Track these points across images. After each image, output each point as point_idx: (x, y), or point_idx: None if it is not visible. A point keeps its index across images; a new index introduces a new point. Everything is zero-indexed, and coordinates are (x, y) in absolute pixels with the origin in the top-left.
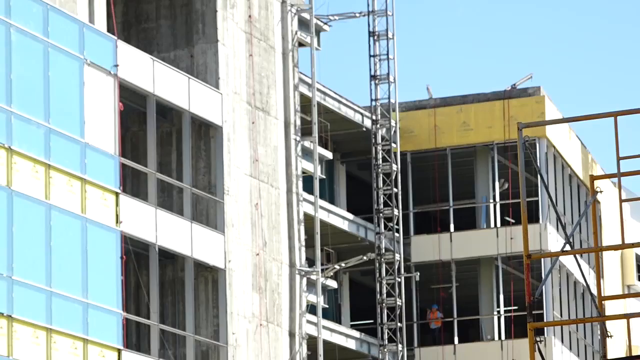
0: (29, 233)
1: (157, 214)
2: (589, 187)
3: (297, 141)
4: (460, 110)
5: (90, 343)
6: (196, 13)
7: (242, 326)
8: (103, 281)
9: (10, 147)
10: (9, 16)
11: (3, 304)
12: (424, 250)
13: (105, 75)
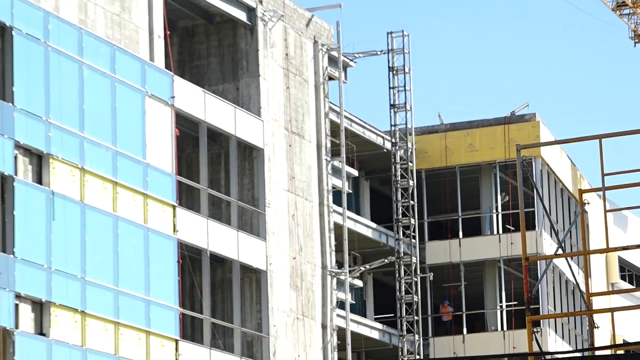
0: (99, 240)
1: (209, 223)
2: (578, 199)
3: (327, 161)
4: (467, 134)
5: (151, 335)
6: (241, 52)
7: (281, 320)
8: (162, 281)
9: (83, 167)
10: (82, 55)
11: (77, 302)
12: (437, 254)
13: (163, 106)
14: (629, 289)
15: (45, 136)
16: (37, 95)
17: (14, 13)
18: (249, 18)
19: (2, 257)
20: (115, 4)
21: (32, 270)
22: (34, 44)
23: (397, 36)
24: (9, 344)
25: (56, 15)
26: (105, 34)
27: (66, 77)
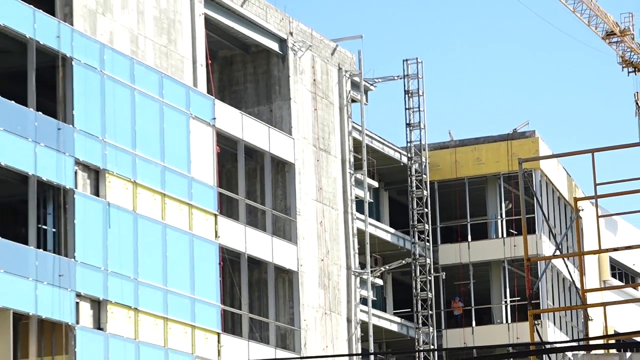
0: (149, 246)
1: (246, 230)
2: (573, 206)
3: (351, 174)
4: (474, 149)
5: (196, 329)
6: (274, 78)
7: (310, 315)
8: (205, 281)
9: (135, 181)
10: (133, 82)
11: (131, 300)
12: (448, 255)
13: (205, 126)
14: (619, 286)
15: (102, 154)
16: (94, 118)
17: (73, 45)
18: (281, 48)
19: (64, 261)
20: (163, 37)
21: (90, 272)
22: (92, 73)
23: (412, 63)
24: (70, 338)
25: (111, 47)
26: (154, 63)
27: (120, 102)
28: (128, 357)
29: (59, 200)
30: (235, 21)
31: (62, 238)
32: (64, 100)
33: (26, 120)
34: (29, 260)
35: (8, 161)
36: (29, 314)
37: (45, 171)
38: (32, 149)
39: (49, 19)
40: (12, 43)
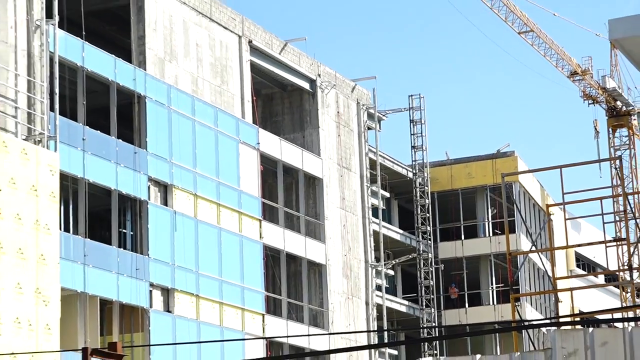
0: (208, 245)
1: (285, 232)
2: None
3: (367, 187)
4: (466, 166)
5: (245, 311)
6: (306, 111)
7: (336, 299)
8: (252, 273)
9: (196, 193)
10: (194, 115)
11: (193, 288)
12: (446, 251)
13: (251, 149)
14: (583, 274)
15: (169, 172)
16: (163, 144)
17: (146, 86)
18: (311, 87)
19: (140, 257)
20: (217, 78)
21: (161, 266)
22: (161, 108)
23: (415, 97)
24: (145, 319)
25: (176, 87)
26: (210, 100)
27: (183, 131)
28: (191, 334)
29: (136, 209)
30: (275, 66)
31: (138, 239)
32: (139, 130)
33: (109, 146)
34: (112, 257)
35: (96, 178)
36: (112, 300)
37: (124, 186)
38: (114, 168)
39: (126, 65)
40: (98, 85)
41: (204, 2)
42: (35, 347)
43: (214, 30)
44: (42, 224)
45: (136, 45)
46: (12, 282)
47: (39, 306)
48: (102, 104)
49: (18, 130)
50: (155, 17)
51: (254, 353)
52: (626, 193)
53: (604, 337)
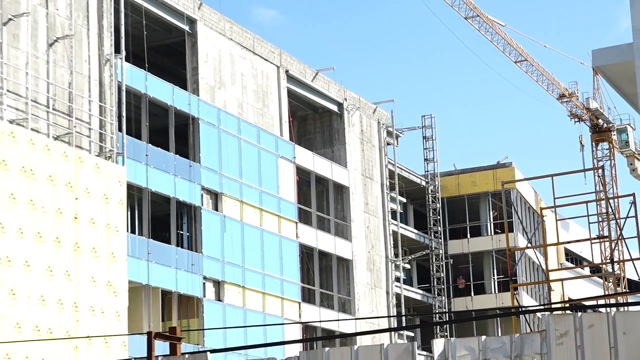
0: (252, 243)
1: (317, 232)
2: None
3: (387, 193)
4: (471, 175)
5: (284, 300)
6: (334, 130)
7: (361, 289)
8: (290, 267)
9: (242, 200)
10: (240, 134)
11: (240, 280)
12: (454, 248)
13: (288, 163)
14: (571, 267)
15: (219, 182)
16: (213, 158)
17: (199, 110)
18: (339, 109)
19: (195, 255)
20: (259, 102)
21: (212, 262)
22: (212, 128)
23: (427, 117)
24: (199, 307)
25: (224, 110)
26: (253, 121)
27: (230, 147)
28: (238, 319)
29: (191, 214)
30: (308, 91)
31: (193, 239)
32: (193, 146)
33: (168, 160)
34: (171, 254)
35: (157, 188)
36: (172, 291)
37: (181, 194)
38: (173, 179)
39: (182, 92)
40: (159, 109)
41: (247, 38)
42: (107, 331)
43: (256, 61)
44: (112, 227)
45: (190, 75)
46: (88, 276)
47: (110, 297)
48: (162, 125)
49: (92, 148)
50: (207, 51)
51: (292, 336)
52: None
53: (590, 320)
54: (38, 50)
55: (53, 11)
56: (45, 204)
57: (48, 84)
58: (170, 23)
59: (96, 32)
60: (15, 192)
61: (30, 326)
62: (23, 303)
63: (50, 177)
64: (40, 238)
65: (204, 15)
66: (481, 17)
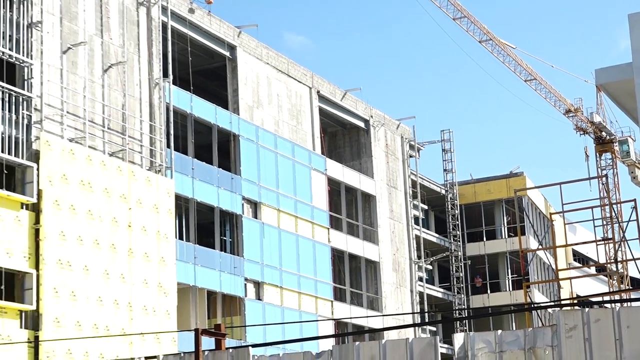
0: (288, 248)
1: (347, 237)
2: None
3: (410, 201)
4: (486, 183)
5: (318, 298)
6: (362, 144)
7: (387, 288)
8: (323, 269)
9: (279, 209)
10: (276, 148)
11: (278, 281)
12: (472, 250)
13: (320, 174)
14: (579, 266)
15: (258, 193)
16: (253, 171)
17: (239, 127)
18: (366, 125)
19: (236, 259)
20: (293, 120)
21: (253, 265)
22: (251, 144)
23: (446, 132)
24: (241, 305)
25: (262, 127)
26: (289, 137)
27: (268, 161)
28: (276, 316)
29: (233, 221)
30: (337, 110)
31: (235, 244)
32: (234, 160)
33: (212, 174)
34: (215, 258)
35: (203, 198)
36: (216, 291)
37: (224, 204)
38: (216, 191)
39: (224, 111)
40: (203, 127)
41: (282, 62)
42: (158, 328)
43: (290, 83)
44: (162, 234)
45: (231, 96)
46: (141, 278)
47: (160, 297)
48: (206, 141)
49: (143, 163)
50: (246, 74)
51: (325, 331)
52: (611, 203)
53: (597, 315)
54: (94, 76)
55: (107, 40)
56: (102, 214)
57: (103, 105)
58: (213, 49)
59: (146, 58)
60: (75, 203)
61: (89, 324)
62: (83, 303)
63: (106, 190)
64: (97, 245)
65: (243, 42)
66: (494, 41)
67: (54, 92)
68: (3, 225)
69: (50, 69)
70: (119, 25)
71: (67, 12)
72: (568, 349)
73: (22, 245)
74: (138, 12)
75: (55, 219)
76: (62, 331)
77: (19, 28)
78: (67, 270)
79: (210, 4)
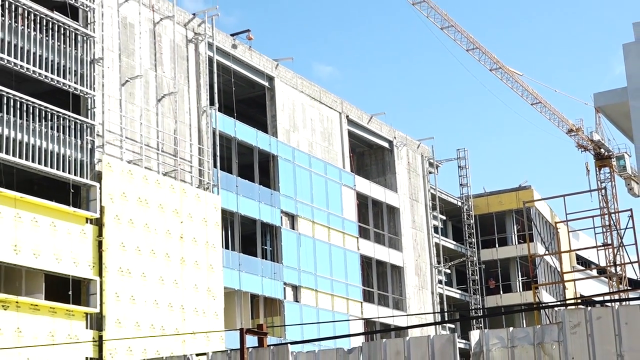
0: (322, 255)
1: (374, 245)
2: (554, 226)
3: (430, 212)
4: (498, 196)
5: (349, 300)
6: (387, 163)
7: (411, 290)
8: (353, 274)
9: (313, 220)
10: (310, 167)
11: (313, 285)
12: (486, 255)
13: (350, 189)
14: (582, 269)
15: (295, 207)
16: (290, 188)
17: (278, 149)
18: (390, 146)
19: (276, 265)
20: (325, 142)
21: (291, 271)
22: (288, 163)
23: (461, 150)
24: (281, 307)
25: (298, 149)
26: (321, 156)
27: (303, 178)
28: (312, 316)
29: (273, 232)
30: (364, 132)
31: (275, 253)
32: (273, 178)
33: (254, 190)
34: (257, 265)
35: (246, 212)
36: (259, 294)
37: (265, 217)
38: (258, 205)
39: (264, 135)
40: (245, 149)
41: (315, 90)
42: (207, 328)
43: (322, 109)
44: (210, 244)
45: (270, 121)
46: (192, 283)
47: (209, 300)
48: (248, 161)
49: (193, 181)
50: (283, 102)
51: (355, 329)
52: (610, 212)
53: (598, 313)
54: (149, 105)
55: (160, 74)
56: (157, 227)
57: (157, 131)
58: (253, 80)
59: (195, 89)
60: (133, 218)
61: (146, 325)
62: (141, 306)
63: (161, 205)
64: (153, 254)
65: (280, 73)
66: (503, 69)
67: (114, 119)
68: (70, 238)
69: (111, 99)
70: (170, 60)
71: (125, 49)
72: (573, 344)
73: (87, 256)
74: (187, 48)
75: (116, 232)
76: (123, 331)
77: (83, 64)
78: (127, 277)
79: (250, 40)
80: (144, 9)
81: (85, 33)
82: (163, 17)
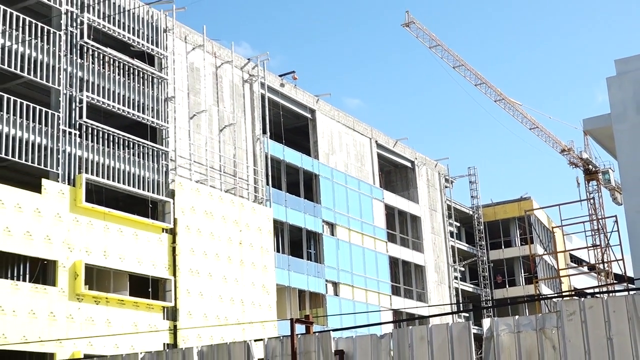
0: (357, 257)
1: (400, 248)
2: (551, 230)
3: (446, 220)
4: (503, 206)
5: (380, 294)
6: (409, 179)
7: (431, 285)
8: (383, 272)
9: (349, 228)
10: (346, 184)
11: (350, 281)
12: (494, 255)
13: (379, 202)
14: (575, 267)
15: (334, 217)
16: (329, 201)
17: (319, 169)
18: (412, 165)
19: (319, 265)
20: (359, 162)
21: (331, 270)
22: (328, 181)
23: (472, 168)
24: (323, 300)
25: (335, 169)
26: (355, 175)
27: (340, 193)
28: (349, 308)
29: (316, 238)
30: (391, 154)
31: (318, 255)
32: (316, 193)
33: (299, 203)
34: (304, 265)
35: (293, 222)
36: (305, 289)
37: (309, 225)
38: (303, 216)
39: (307, 157)
40: (292, 169)
41: (349, 120)
42: (263, 318)
43: (355, 136)
44: (264, 248)
45: (312, 146)
46: (249, 281)
47: (264, 295)
48: (294, 180)
49: (249, 197)
50: (323, 130)
51: (385, 318)
52: (598, 218)
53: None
54: (212, 134)
55: (222, 108)
56: (221, 235)
57: (220, 156)
58: (298, 112)
59: (250, 120)
60: (200, 227)
61: (212, 316)
62: (208, 301)
63: (223, 217)
64: (217, 257)
65: (320, 107)
66: (505, 100)
67: (184, 147)
68: (150, 244)
69: (181, 130)
70: (229, 97)
71: (192, 89)
72: (569, 329)
73: (163, 259)
74: (243, 87)
75: (186, 239)
76: (193, 321)
77: (158, 101)
78: (196, 276)
79: (295, 80)
80: (207, 55)
81: (160, 76)
82: (223, 62)
